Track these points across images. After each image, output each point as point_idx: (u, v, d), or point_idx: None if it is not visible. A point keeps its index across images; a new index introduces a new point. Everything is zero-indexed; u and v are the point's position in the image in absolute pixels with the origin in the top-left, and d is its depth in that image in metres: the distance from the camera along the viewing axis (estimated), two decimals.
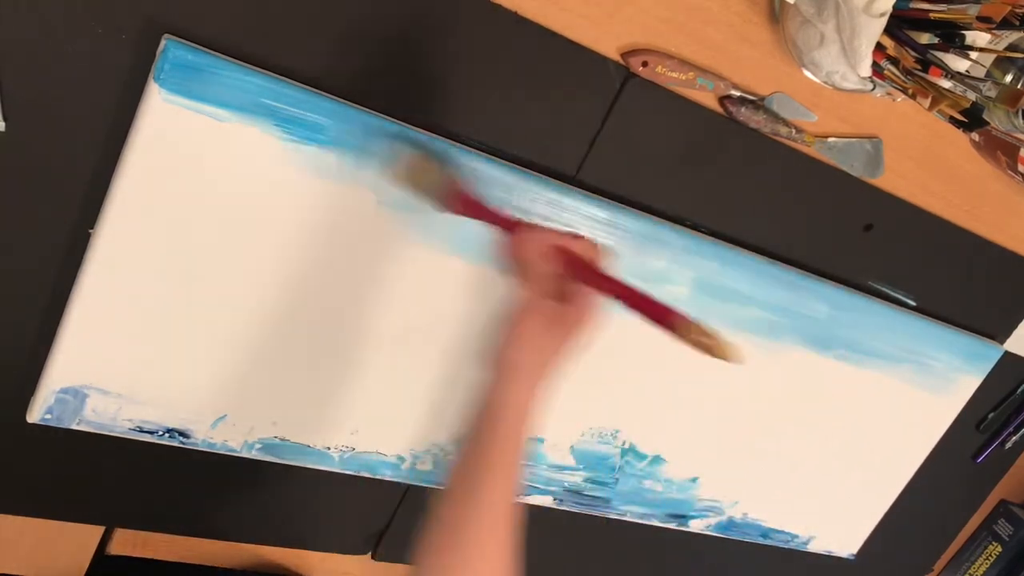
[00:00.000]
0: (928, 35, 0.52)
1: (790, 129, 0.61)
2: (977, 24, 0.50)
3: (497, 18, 0.51)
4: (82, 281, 0.49)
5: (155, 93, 0.45)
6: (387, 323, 0.56)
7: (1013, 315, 0.81)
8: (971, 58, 0.55)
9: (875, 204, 0.68)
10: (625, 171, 0.59)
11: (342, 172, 0.51)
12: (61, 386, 0.51)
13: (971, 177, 0.71)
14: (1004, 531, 0.95)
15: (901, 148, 0.67)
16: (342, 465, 0.60)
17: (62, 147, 0.47)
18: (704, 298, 0.64)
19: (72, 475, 0.56)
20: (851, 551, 0.86)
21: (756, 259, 0.65)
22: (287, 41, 0.48)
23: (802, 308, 0.68)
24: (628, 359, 0.64)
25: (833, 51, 0.53)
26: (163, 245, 0.49)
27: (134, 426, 0.54)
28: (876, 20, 0.49)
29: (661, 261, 0.61)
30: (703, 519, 0.76)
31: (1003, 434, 0.88)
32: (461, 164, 0.52)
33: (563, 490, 0.68)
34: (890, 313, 0.72)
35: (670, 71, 0.56)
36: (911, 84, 0.53)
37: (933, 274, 0.74)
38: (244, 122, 0.48)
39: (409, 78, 0.51)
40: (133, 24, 0.45)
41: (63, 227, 0.49)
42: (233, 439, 0.56)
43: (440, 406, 0.61)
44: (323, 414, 0.58)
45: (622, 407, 0.67)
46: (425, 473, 0.63)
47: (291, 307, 0.54)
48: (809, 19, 0.53)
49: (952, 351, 0.77)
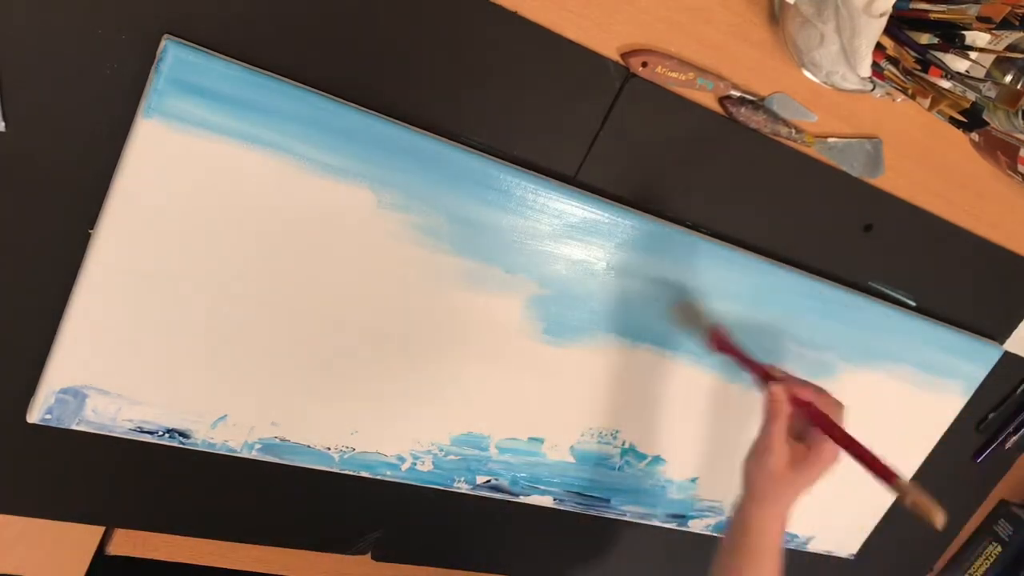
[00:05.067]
0: (928, 35, 0.52)
1: (790, 129, 0.61)
2: (977, 24, 0.50)
3: (497, 18, 0.51)
4: (82, 281, 0.49)
5: (155, 94, 0.45)
6: (387, 323, 0.56)
7: (1013, 315, 0.81)
8: (971, 58, 0.55)
9: (875, 204, 0.68)
10: (625, 171, 0.59)
11: (342, 172, 0.51)
12: (61, 386, 0.51)
13: (971, 177, 0.71)
14: (1004, 531, 0.95)
15: (901, 148, 0.67)
16: (342, 465, 0.60)
17: (62, 147, 0.47)
18: (704, 298, 0.64)
19: (72, 475, 0.56)
20: (851, 551, 0.86)
21: (756, 259, 0.65)
22: (287, 42, 0.48)
23: (802, 308, 0.68)
24: (628, 359, 0.64)
25: (833, 51, 0.53)
26: (163, 245, 0.49)
27: (134, 426, 0.54)
28: (876, 20, 0.49)
29: (661, 261, 0.61)
30: (703, 519, 0.76)
31: (1003, 434, 0.88)
32: (719, 314, 0.65)
33: (563, 490, 0.68)
34: (890, 313, 0.72)
35: (670, 71, 0.56)
36: (911, 84, 0.53)
37: (933, 274, 0.74)
38: (244, 122, 0.48)
39: (409, 78, 0.51)
40: (133, 24, 0.45)
41: (63, 227, 0.49)
42: (233, 439, 0.56)
43: (440, 406, 0.61)
44: (323, 414, 0.58)
45: (622, 407, 0.67)
46: (425, 473, 0.63)
47: (291, 307, 0.54)
48: (809, 19, 0.53)
49: (952, 351, 0.77)
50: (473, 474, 0.64)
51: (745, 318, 0.66)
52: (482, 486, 0.65)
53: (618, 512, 0.72)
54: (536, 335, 0.60)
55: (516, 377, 0.61)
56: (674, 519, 0.75)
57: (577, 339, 0.62)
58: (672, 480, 0.72)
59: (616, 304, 0.62)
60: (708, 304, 0.65)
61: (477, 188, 0.54)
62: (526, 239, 0.57)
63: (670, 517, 0.74)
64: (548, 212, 0.57)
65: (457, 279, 0.57)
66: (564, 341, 0.61)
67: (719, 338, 0.63)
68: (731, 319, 0.66)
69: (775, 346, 0.69)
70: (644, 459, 0.70)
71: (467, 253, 0.56)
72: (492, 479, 0.65)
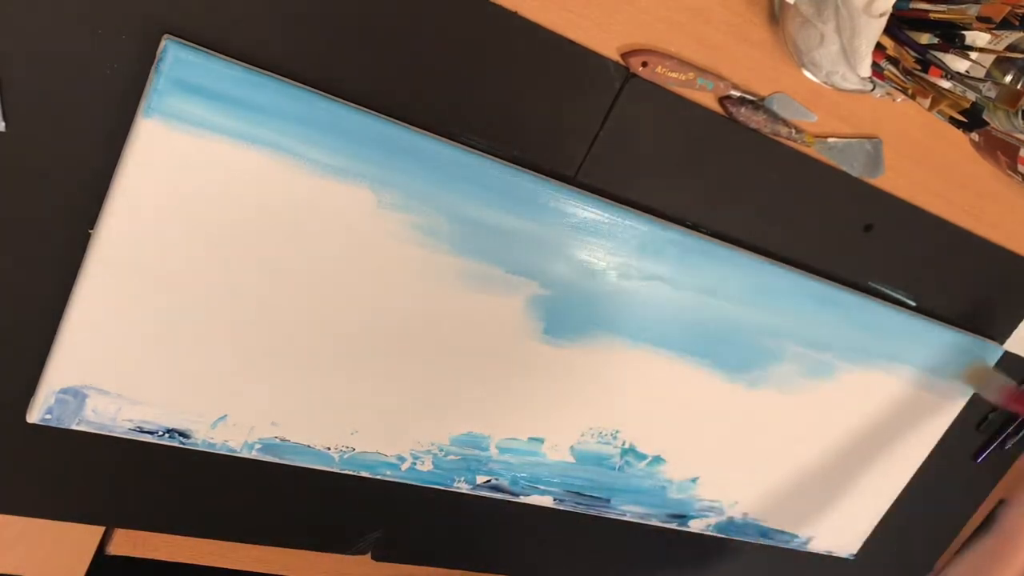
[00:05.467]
0: (928, 35, 0.52)
1: (790, 129, 0.61)
2: (977, 24, 0.50)
3: (497, 18, 0.51)
4: (82, 281, 0.49)
5: (155, 94, 0.45)
6: (387, 323, 0.56)
7: (1013, 315, 0.81)
8: (971, 58, 0.55)
9: (875, 204, 0.68)
10: (625, 171, 0.59)
11: (342, 172, 0.51)
12: (61, 386, 0.51)
13: (971, 177, 0.71)
14: None
15: (901, 148, 0.67)
16: (342, 465, 0.60)
17: (62, 147, 0.47)
18: (704, 298, 0.64)
19: (72, 475, 0.56)
20: (851, 551, 0.86)
21: (756, 259, 0.65)
22: (287, 42, 0.48)
23: (801, 308, 0.68)
24: (628, 359, 0.64)
25: (833, 51, 0.53)
26: (163, 245, 0.49)
27: (134, 426, 0.54)
28: (876, 20, 0.49)
29: (661, 261, 0.61)
30: (703, 519, 0.76)
31: (1003, 434, 0.88)
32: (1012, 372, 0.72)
33: (563, 490, 0.68)
34: (890, 313, 0.72)
35: (670, 71, 0.56)
36: (911, 84, 0.53)
37: (933, 274, 0.74)
38: (244, 122, 0.48)
39: (409, 78, 0.51)
40: (133, 24, 0.45)
41: (63, 227, 0.49)
42: (233, 439, 0.56)
43: (440, 406, 0.61)
44: (323, 414, 0.58)
45: (622, 407, 0.67)
46: (425, 473, 0.63)
47: (291, 307, 0.54)
48: (809, 19, 0.53)
49: (952, 351, 0.77)
50: (473, 474, 0.64)
51: (745, 318, 0.66)
52: (482, 486, 0.65)
53: (618, 512, 0.72)
54: (536, 335, 0.60)
55: (516, 377, 0.61)
56: (674, 519, 0.75)
57: (577, 339, 0.62)
58: (672, 480, 0.72)
59: (616, 304, 0.62)
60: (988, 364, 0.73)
61: (477, 188, 0.54)
62: (526, 239, 0.57)
63: (670, 517, 0.74)
64: (548, 212, 0.57)
65: (457, 279, 0.57)
66: (564, 341, 0.61)
67: (1016, 396, 0.72)
68: (731, 319, 0.66)
69: (775, 346, 0.69)
70: (644, 459, 0.70)
71: (467, 253, 0.56)
72: (492, 479, 0.65)
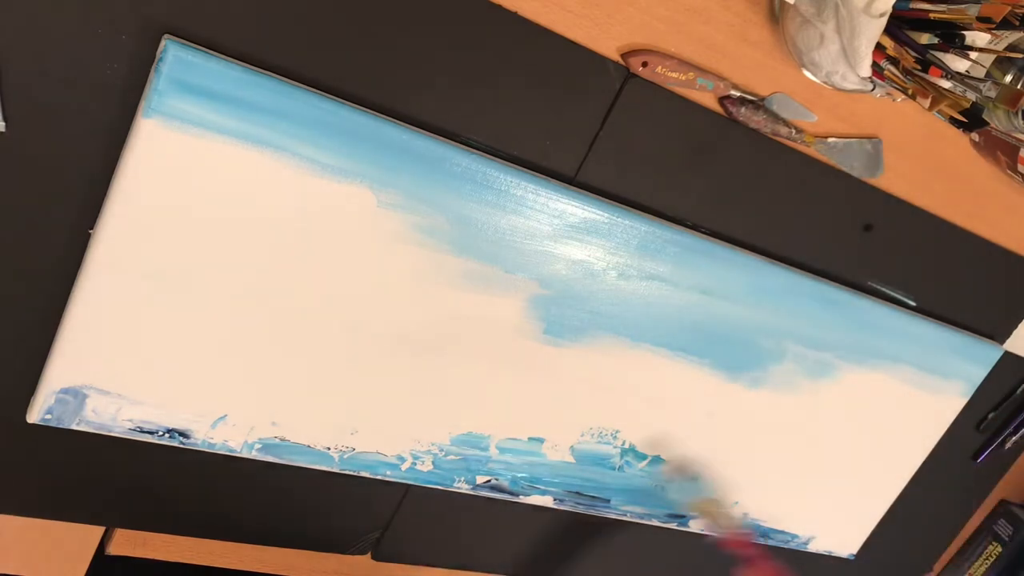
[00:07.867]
0: (928, 35, 0.53)
1: (790, 129, 0.61)
2: (977, 24, 0.50)
3: (497, 18, 0.51)
4: (82, 281, 0.49)
5: (155, 94, 0.45)
6: (387, 323, 0.56)
7: (1013, 315, 0.81)
8: (971, 58, 0.55)
9: (875, 204, 0.68)
10: (625, 171, 0.59)
11: (342, 172, 0.51)
12: (61, 386, 0.51)
13: (971, 177, 0.71)
14: (1004, 531, 0.95)
15: (901, 148, 0.67)
16: (342, 465, 0.60)
17: (62, 147, 0.47)
18: (704, 298, 0.64)
19: (72, 475, 0.56)
20: (851, 551, 0.86)
21: (756, 259, 0.65)
22: (287, 42, 0.48)
23: (801, 308, 0.68)
24: (628, 359, 0.64)
25: (833, 51, 0.53)
26: (163, 245, 0.49)
27: (134, 426, 0.54)
28: (876, 20, 0.49)
29: (661, 261, 0.61)
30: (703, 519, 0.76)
31: (1003, 434, 0.88)
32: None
33: (563, 490, 0.68)
34: (890, 313, 0.72)
35: (670, 71, 0.56)
36: (911, 84, 0.53)
37: (933, 274, 0.74)
38: (244, 122, 0.48)
39: (409, 78, 0.51)
40: (133, 24, 0.45)
41: (63, 227, 0.49)
42: (233, 439, 0.56)
43: (440, 406, 0.61)
44: (323, 414, 0.58)
45: (622, 407, 0.67)
46: (425, 473, 0.63)
47: (291, 307, 0.54)
48: (809, 19, 0.53)
49: (952, 351, 0.77)
50: (473, 474, 0.64)
51: (745, 318, 0.66)
52: (482, 486, 0.65)
53: (618, 512, 0.72)
54: (536, 335, 0.60)
55: (516, 377, 0.61)
56: (674, 519, 0.75)
57: (577, 339, 0.62)
58: (672, 480, 0.72)
59: (616, 304, 0.62)
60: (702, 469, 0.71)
61: (477, 188, 0.54)
62: (526, 239, 0.57)
63: (670, 517, 0.74)
64: (548, 212, 0.57)
65: (457, 279, 0.57)
66: (564, 341, 0.61)
67: (734, 539, 0.73)
68: (731, 319, 0.66)
69: (775, 346, 0.69)
70: (644, 459, 0.70)
71: (467, 253, 0.56)
72: (492, 479, 0.65)
